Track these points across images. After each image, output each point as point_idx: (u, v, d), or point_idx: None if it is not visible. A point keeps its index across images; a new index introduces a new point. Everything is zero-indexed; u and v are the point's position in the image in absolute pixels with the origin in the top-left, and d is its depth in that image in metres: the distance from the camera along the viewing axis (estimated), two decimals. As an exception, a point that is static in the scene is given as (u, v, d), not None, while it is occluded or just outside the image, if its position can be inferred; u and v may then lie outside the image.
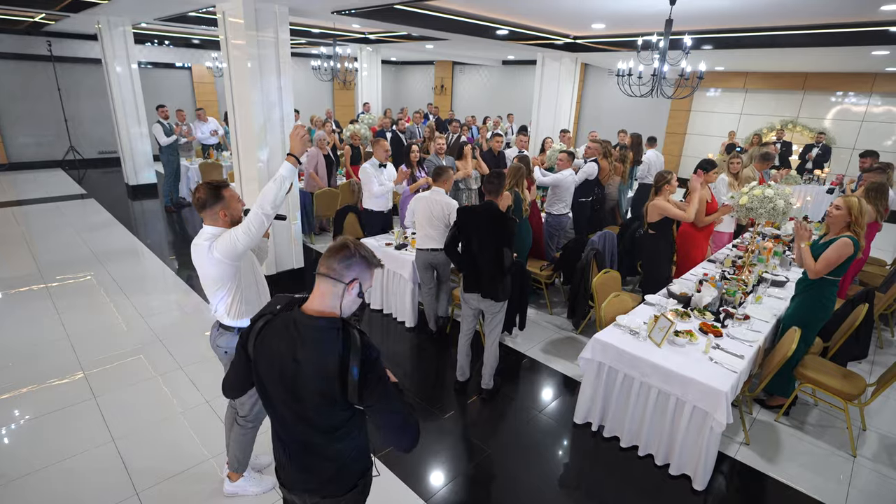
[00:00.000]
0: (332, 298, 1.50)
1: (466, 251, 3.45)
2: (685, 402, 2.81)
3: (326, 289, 1.50)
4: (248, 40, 4.51)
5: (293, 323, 1.50)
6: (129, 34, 8.33)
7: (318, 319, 1.48)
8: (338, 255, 1.49)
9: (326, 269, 1.49)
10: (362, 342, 1.47)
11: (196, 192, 2.27)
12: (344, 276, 1.49)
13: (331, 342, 1.45)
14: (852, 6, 4.52)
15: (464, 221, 3.43)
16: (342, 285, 1.49)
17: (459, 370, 3.78)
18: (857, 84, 9.91)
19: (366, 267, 1.52)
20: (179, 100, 12.86)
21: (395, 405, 1.52)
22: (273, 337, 1.52)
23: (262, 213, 2.19)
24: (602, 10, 5.49)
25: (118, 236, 6.92)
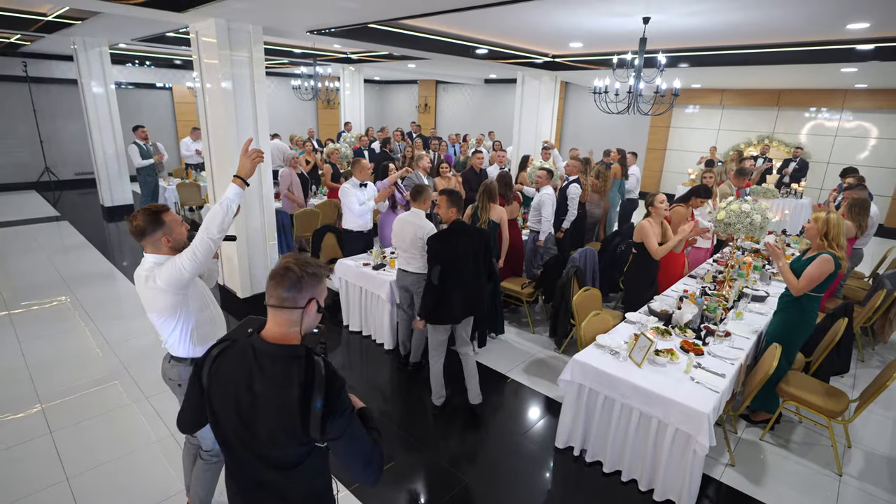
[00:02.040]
0: (290, 326, 1.42)
1: (441, 284, 3.33)
2: (667, 425, 2.73)
3: (282, 318, 1.41)
4: (221, 60, 4.44)
5: (251, 350, 1.41)
6: (106, 54, 8.24)
7: (278, 347, 1.39)
8: (284, 282, 1.39)
9: (277, 300, 1.40)
10: (327, 372, 1.38)
11: (133, 219, 2.11)
12: (298, 301, 1.40)
13: (292, 372, 1.36)
14: (819, 24, 4.61)
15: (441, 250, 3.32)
16: (299, 311, 1.41)
17: (436, 395, 3.66)
18: (828, 100, 10.17)
19: (318, 282, 1.44)
20: (160, 120, 12.75)
21: (358, 439, 1.42)
22: (229, 365, 1.43)
23: (209, 237, 2.08)
24: (579, 29, 5.55)
25: (90, 260, 6.72)
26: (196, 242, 2.10)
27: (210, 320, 2.30)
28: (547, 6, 4.23)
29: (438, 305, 3.39)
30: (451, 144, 10.92)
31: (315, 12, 4.27)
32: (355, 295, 4.76)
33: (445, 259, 3.31)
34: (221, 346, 1.48)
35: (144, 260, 2.16)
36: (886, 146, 9.76)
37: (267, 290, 1.42)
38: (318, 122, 16.12)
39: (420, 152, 5.82)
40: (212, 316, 2.32)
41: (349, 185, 4.81)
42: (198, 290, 2.27)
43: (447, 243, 3.33)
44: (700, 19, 4.63)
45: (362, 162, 4.86)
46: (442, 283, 3.32)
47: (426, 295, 3.41)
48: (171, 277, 2.07)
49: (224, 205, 2.16)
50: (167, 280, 2.07)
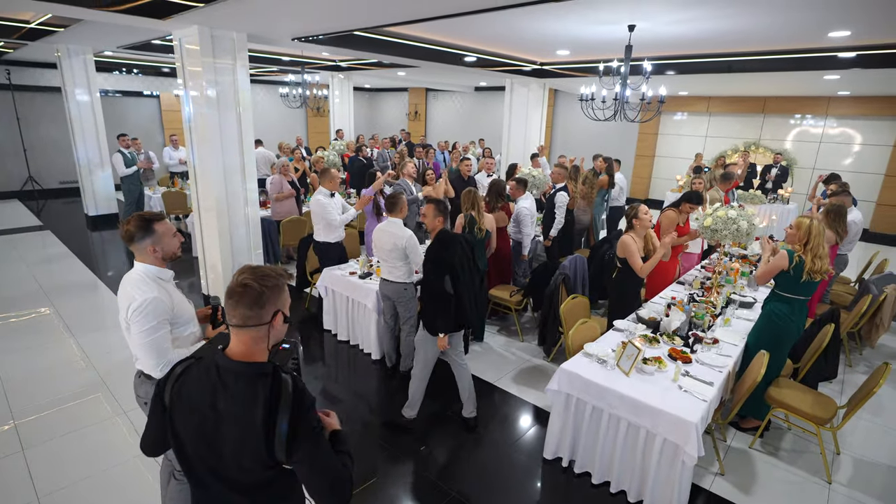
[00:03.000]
0: (256, 342, 1.36)
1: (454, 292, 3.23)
2: (655, 435, 2.69)
3: (247, 336, 1.35)
4: (204, 67, 4.40)
5: (215, 368, 1.35)
6: (90, 62, 8.16)
7: (243, 365, 1.33)
8: (244, 299, 1.32)
9: (240, 318, 1.33)
10: (294, 389, 1.32)
11: (125, 223, 2.08)
12: (263, 317, 1.34)
13: (257, 390, 1.30)
14: (802, 33, 4.67)
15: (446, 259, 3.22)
16: (265, 326, 1.35)
17: (414, 407, 3.53)
18: (812, 107, 10.31)
19: (280, 292, 1.38)
20: (147, 128, 12.63)
21: (325, 462, 1.35)
22: (192, 384, 1.36)
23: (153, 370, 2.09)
24: (565, 37, 5.58)
25: (72, 270, 6.58)
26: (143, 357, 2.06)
27: (187, 338, 2.22)
28: (532, 13, 4.24)
29: (457, 315, 3.29)
30: (441, 151, 10.92)
31: (298, 20, 4.24)
32: (342, 304, 4.70)
33: (451, 266, 3.22)
34: (185, 363, 1.41)
35: (134, 269, 2.12)
36: (870, 152, 9.90)
37: (226, 309, 1.35)
38: (307, 130, 16.08)
39: (405, 159, 5.78)
40: (190, 333, 2.25)
41: (321, 197, 4.70)
42: (177, 308, 2.20)
43: (450, 251, 3.24)
44: (685, 27, 4.67)
45: (332, 172, 4.79)
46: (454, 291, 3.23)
47: (444, 308, 3.24)
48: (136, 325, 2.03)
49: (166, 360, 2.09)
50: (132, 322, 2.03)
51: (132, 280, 2.07)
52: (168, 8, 3.69)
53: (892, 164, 9.62)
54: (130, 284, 2.05)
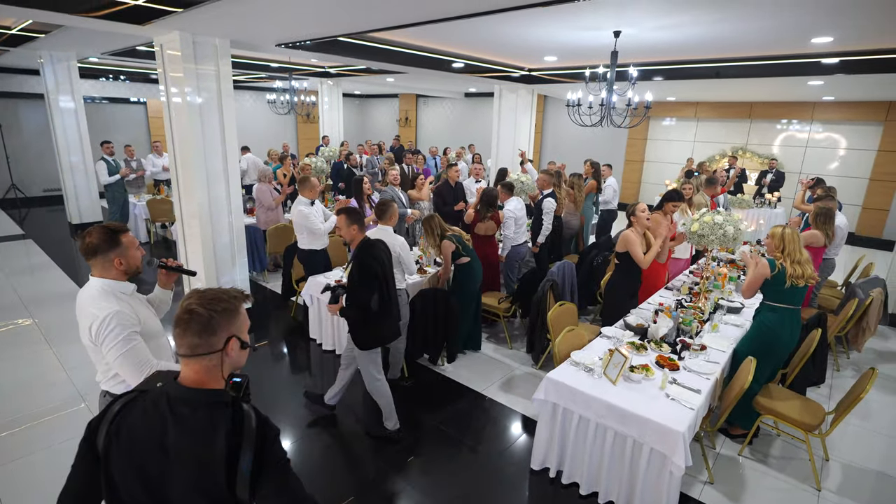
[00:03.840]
0: (209, 371, 1.24)
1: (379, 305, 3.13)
2: (643, 444, 2.65)
3: (198, 366, 1.24)
4: (186, 73, 4.34)
5: (165, 399, 1.20)
6: (74, 68, 8.06)
7: (200, 392, 1.22)
8: (191, 327, 1.21)
9: (188, 348, 1.22)
10: (258, 421, 1.22)
11: (87, 235, 1.97)
12: (214, 345, 1.23)
13: (216, 420, 1.18)
14: (786, 39, 4.70)
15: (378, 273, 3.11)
16: (217, 354, 1.24)
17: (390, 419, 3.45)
18: (798, 112, 10.43)
19: (233, 316, 1.27)
20: (134, 134, 12.49)
21: (293, 494, 1.25)
22: (136, 420, 1.20)
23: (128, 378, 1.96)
24: (552, 43, 5.57)
25: (53, 280, 6.45)
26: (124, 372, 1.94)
27: (157, 351, 2.14)
28: (516, 19, 4.23)
29: (382, 329, 3.22)
30: (432, 157, 10.90)
31: (281, 26, 4.20)
32: (327, 313, 4.62)
33: (381, 279, 3.13)
34: (125, 398, 1.25)
35: (89, 284, 2.01)
36: (856, 157, 10.02)
37: (174, 337, 1.24)
38: (297, 137, 16.01)
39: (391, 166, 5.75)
40: (157, 347, 2.17)
41: (302, 206, 4.65)
42: (144, 321, 2.12)
43: (379, 262, 3.13)
44: (670, 33, 4.68)
45: (311, 180, 4.75)
46: (380, 303, 3.14)
47: (366, 324, 3.13)
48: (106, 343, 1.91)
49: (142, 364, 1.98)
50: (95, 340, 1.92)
51: (90, 296, 1.96)
52: (147, 13, 3.63)
53: (877, 169, 9.73)
54: (89, 302, 1.94)
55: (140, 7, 3.54)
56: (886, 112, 9.42)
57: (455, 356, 4.48)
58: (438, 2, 3.29)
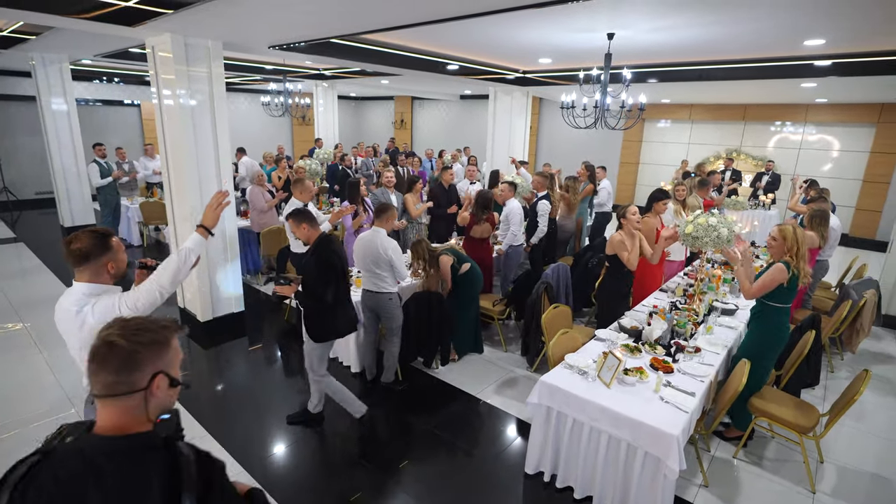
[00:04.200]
0: (131, 414, 1.07)
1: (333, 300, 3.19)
2: (637, 448, 2.63)
3: (117, 409, 1.06)
4: (177, 75, 4.30)
5: (79, 457, 1.01)
6: (67, 70, 8.00)
7: (121, 440, 1.04)
8: (109, 361, 1.05)
9: (104, 387, 1.05)
10: (199, 463, 1.05)
11: (75, 241, 1.90)
12: (136, 383, 1.06)
13: (147, 470, 1.01)
14: (779, 41, 4.71)
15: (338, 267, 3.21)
16: (139, 394, 1.07)
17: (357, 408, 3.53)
18: (791, 114, 10.48)
19: (161, 349, 1.10)
20: (127, 137, 12.42)
21: None
22: (46, 486, 0.99)
23: (158, 288, 1.93)
24: (546, 45, 5.57)
25: (44, 284, 6.39)
26: (142, 289, 1.93)
27: None
28: (509, 21, 4.22)
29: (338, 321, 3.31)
30: (428, 159, 10.88)
31: (273, 27, 4.17)
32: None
33: (339, 272, 3.22)
34: (29, 461, 1.03)
35: (73, 290, 1.94)
36: (849, 158, 10.07)
37: (88, 374, 1.07)
38: (292, 139, 15.96)
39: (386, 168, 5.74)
40: None
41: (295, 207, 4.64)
42: None
43: (337, 256, 3.22)
44: (664, 35, 4.68)
45: (306, 183, 4.72)
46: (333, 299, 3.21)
47: (322, 316, 3.23)
48: (106, 318, 1.84)
49: (182, 255, 2.03)
50: (101, 319, 1.86)
51: (75, 301, 1.90)
52: (138, 15, 3.60)
53: (870, 170, 9.79)
54: (75, 305, 1.89)
55: (131, 8, 3.50)
56: (879, 114, 9.47)
57: (448, 359, 4.45)
58: (430, 4, 3.28)
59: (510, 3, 3.16)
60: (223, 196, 2.21)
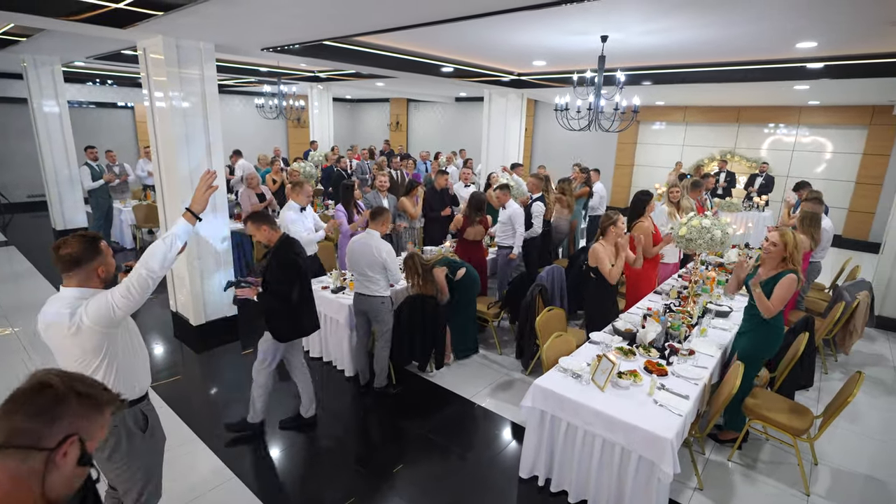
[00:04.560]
0: (20, 484, 0.85)
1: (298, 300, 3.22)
2: (631, 452, 2.62)
3: (6, 469, 0.86)
4: (169, 77, 4.27)
5: None
6: (59, 72, 7.94)
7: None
8: (31, 404, 0.90)
9: (6, 433, 0.88)
10: None
11: (64, 246, 1.86)
12: (43, 437, 0.89)
13: None
14: (771, 44, 4.73)
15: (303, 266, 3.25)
16: (43, 454, 0.88)
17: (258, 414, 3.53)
18: (785, 116, 10.54)
19: (93, 409, 0.94)
20: (121, 140, 12.36)
21: None
22: None
23: (148, 273, 1.88)
24: (540, 48, 5.58)
25: (35, 288, 6.32)
26: (132, 278, 1.89)
27: (135, 358, 2.09)
28: (502, 24, 4.22)
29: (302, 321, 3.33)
30: (423, 161, 10.87)
31: (265, 30, 4.15)
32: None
33: (303, 273, 3.24)
34: None
35: (62, 295, 1.90)
36: (842, 160, 10.13)
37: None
38: (287, 141, 15.93)
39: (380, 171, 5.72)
40: (137, 354, 2.11)
41: (291, 212, 4.62)
42: (128, 330, 2.07)
43: (301, 257, 3.23)
44: (657, 38, 4.69)
45: (305, 186, 4.70)
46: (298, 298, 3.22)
47: (287, 315, 3.24)
48: (100, 315, 1.84)
49: (168, 240, 1.97)
50: (95, 317, 1.83)
51: (68, 304, 1.86)
52: (128, 17, 3.57)
53: (863, 172, 9.85)
54: (67, 308, 1.85)
55: (121, 10, 3.47)
56: (871, 116, 9.54)
57: (443, 363, 4.43)
58: (420, 7, 3.27)
59: (502, 5, 3.16)
60: (212, 177, 2.14)
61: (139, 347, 2.13)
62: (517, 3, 3.09)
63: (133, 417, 2.07)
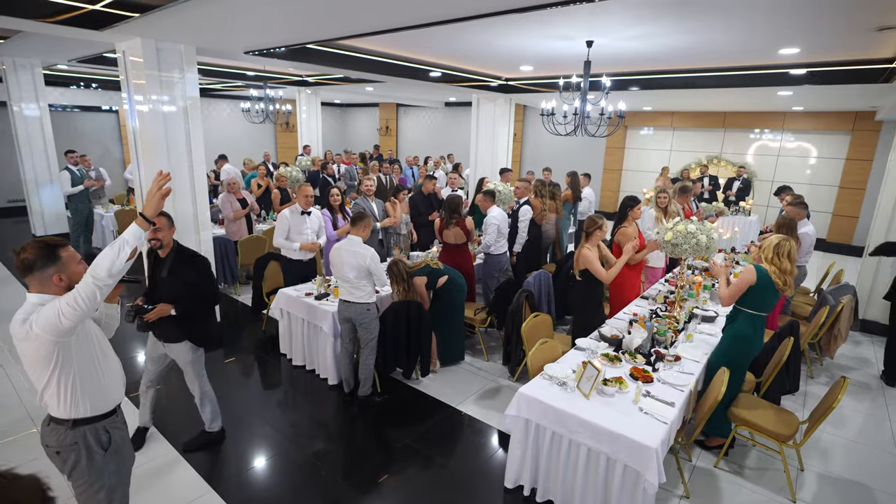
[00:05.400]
0: None
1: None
2: (616, 461, 2.58)
3: None
4: (149, 80, 4.20)
5: None
6: (39, 75, 7.81)
7: None
8: None
9: None
10: None
11: (23, 251, 1.83)
12: None
13: None
14: (755, 50, 4.77)
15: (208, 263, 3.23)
16: None
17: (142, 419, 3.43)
18: (770, 122, 10.66)
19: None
20: (105, 144, 12.17)
21: None
22: None
23: (95, 282, 1.79)
24: (526, 53, 5.58)
25: (12, 295, 6.16)
26: (80, 286, 1.82)
27: (100, 373, 2.01)
28: (487, 28, 4.20)
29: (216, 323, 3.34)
30: (409, 167, 10.83)
31: (246, 32, 4.10)
32: (298, 327, 4.49)
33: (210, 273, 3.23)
34: None
35: (27, 300, 1.86)
36: (825, 165, 10.26)
37: None
38: (276, 145, 15.80)
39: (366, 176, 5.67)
40: (104, 368, 2.03)
41: (287, 212, 4.59)
42: (87, 339, 1.98)
43: (203, 259, 3.19)
44: (642, 43, 4.71)
45: (304, 188, 4.66)
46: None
47: (210, 319, 3.22)
48: (49, 323, 1.77)
49: (116, 246, 1.87)
50: (43, 326, 1.77)
51: (25, 310, 1.82)
52: (104, 18, 3.49)
53: (846, 177, 9.98)
54: (22, 314, 1.81)
55: (97, 12, 3.40)
56: (853, 122, 9.68)
57: (429, 370, 4.37)
58: (405, 10, 3.24)
59: (485, 8, 3.13)
60: (164, 179, 2.01)
61: (106, 360, 2.05)
62: (501, 6, 3.07)
63: (94, 435, 1.99)
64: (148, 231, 1.99)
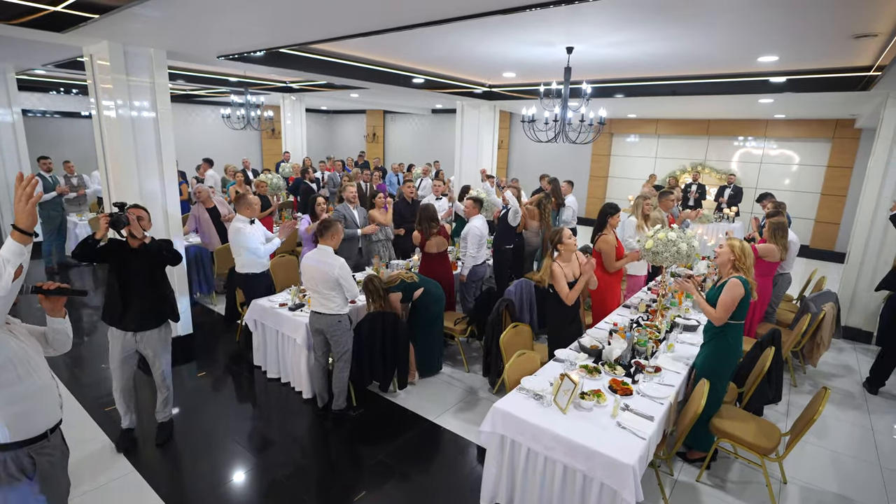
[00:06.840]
0: None
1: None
2: (592, 479, 2.48)
3: None
4: (116, 84, 4.06)
5: None
6: (12, 80, 7.60)
7: None
8: None
9: None
10: None
11: None
12: None
13: None
14: (734, 57, 4.76)
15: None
16: None
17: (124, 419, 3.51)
18: (752, 130, 10.75)
19: None
20: (83, 150, 11.91)
21: None
22: None
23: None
24: (508, 59, 5.53)
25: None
26: None
27: (19, 397, 1.87)
28: (465, 34, 4.14)
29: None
30: (395, 174, 10.74)
31: (216, 35, 3.98)
32: (272, 338, 4.35)
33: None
34: None
35: None
36: (808, 172, 10.35)
37: None
38: (261, 152, 15.64)
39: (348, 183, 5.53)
40: (26, 391, 1.89)
41: (240, 224, 4.43)
42: (12, 360, 1.85)
43: None
44: (622, 50, 4.67)
45: (248, 198, 4.52)
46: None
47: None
48: None
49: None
50: None
51: None
52: (64, 20, 3.36)
53: (827, 183, 10.07)
54: None
55: (57, 14, 3.27)
56: (833, 130, 9.78)
57: (406, 382, 4.25)
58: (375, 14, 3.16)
59: (457, 11, 3.06)
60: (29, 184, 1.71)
61: (31, 381, 1.90)
62: (474, 9, 3.00)
63: (15, 462, 1.85)
64: (29, 245, 1.73)
